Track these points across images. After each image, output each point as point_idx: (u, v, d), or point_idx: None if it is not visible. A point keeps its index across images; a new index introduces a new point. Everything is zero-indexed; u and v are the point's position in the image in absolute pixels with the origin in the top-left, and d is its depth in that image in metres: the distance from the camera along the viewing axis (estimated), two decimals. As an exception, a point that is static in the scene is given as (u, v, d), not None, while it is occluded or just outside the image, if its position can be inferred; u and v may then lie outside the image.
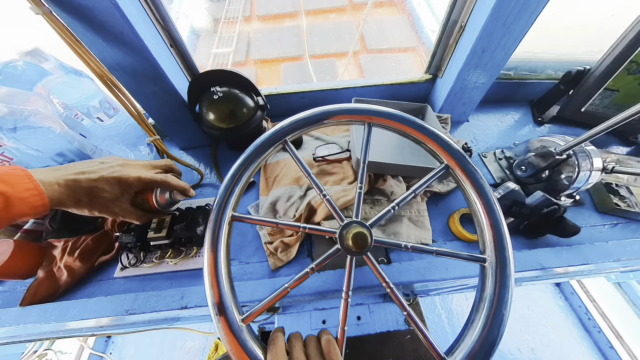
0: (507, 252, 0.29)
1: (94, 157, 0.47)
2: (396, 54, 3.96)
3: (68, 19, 0.36)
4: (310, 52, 4.07)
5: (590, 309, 1.33)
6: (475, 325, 0.28)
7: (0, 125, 0.34)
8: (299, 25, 4.57)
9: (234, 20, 4.52)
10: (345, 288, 0.31)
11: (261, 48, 4.28)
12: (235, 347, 0.28)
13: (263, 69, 4.08)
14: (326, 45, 4.23)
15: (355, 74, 3.75)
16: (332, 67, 3.89)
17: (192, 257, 0.45)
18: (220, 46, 4.12)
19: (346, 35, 4.30)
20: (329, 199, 0.35)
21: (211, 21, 4.39)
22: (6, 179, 0.26)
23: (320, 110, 0.36)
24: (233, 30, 4.34)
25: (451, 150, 0.34)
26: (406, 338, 1.11)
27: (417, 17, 4.20)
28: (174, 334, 1.31)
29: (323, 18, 4.86)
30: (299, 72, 3.89)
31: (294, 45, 4.23)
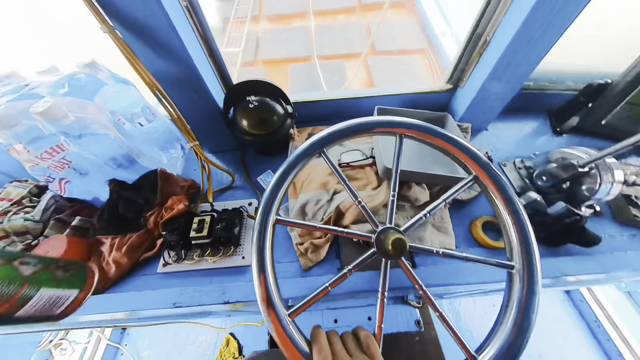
0: (534, 259, 0.32)
1: (138, 160, 0.50)
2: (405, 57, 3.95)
3: (127, 35, 0.39)
4: (318, 53, 4.09)
5: (600, 317, 1.33)
6: (504, 326, 0.30)
7: (67, 132, 0.38)
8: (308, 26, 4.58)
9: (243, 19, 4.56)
10: (381, 289, 0.34)
11: (270, 48, 4.31)
12: (284, 340, 0.31)
13: (271, 69, 4.12)
14: (335, 46, 4.23)
15: (364, 76, 3.75)
16: (341, 68, 3.90)
17: (229, 256, 0.48)
18: (230, 46, 4.17)
19: (355, 37, 4.29)
20: (364, 206, 0.37)
21: (220, 20, 4.44)
22: None
23: (356, 122, 0.39)
24: (242, 30, 4.38)
25: (480, 162, 0.36)
26: (415, 340, 1.13)
27: (427, 19, 4.17)
28: (187, 328, 1.35)
29: (332, 19, 4.86)
30: (307, 74, 3.90)
31: (302, 46, 4.25)
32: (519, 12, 0.45)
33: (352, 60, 3.76)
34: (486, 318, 1.29)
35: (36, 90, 0.38)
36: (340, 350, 0.30)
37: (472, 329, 1.23)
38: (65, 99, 0.39)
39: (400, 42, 4.27)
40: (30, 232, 0.52)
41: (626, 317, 1.27)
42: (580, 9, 0.42)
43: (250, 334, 1.30)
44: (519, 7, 0.45)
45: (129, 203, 0.50)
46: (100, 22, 0.35)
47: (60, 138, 0.38)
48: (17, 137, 0.37)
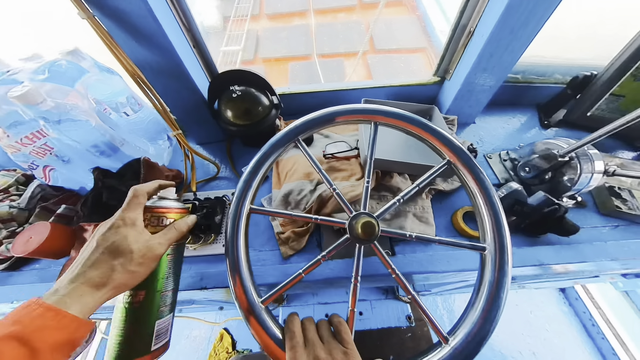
0: (505, 239, 0.32)
1: (122, 148, 0.51)
2: (405, 55, 3.94)
3: (108, 23, 0.40)
4: (318, 51, 4.09)
5: (595, 316, 1.32)
6: (476, 307, 0.30)
7: (47, 117, 0.38)
8: (308, 24, 4.59)
9: (243, 18, 4.57)
10: (354, 273, 0.34)
11: (270, 46, 4.33)
12: (256, 326, 0.31)
13: (271, 67, 4.12)
14: (334, 44, 4.24)
15: (363, 75, 3.75)
16: (340, 67, 3.90)
17: (210, 244, 0.48)
18: (230, 44, 4.18)
19: (355, 35, 4.30)
20: (338, 193, 0.38)
21: (221, 19, 4.46)
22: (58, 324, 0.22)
23: (330, 110, 0.39)
24: (242, 29, 4.40)
25: (452, 146, 0.36)
26: (407, 336, 1.13)
27: (428, 17, 4.16)
28: (181, 323, 1.36)
29: (332, 17, 4.86)
30: (306, 72, 3.91)
31: (302, 45, 4.25)
32: (499, 0, 0.44)
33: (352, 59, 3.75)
34: (480, 315, 1.29)
35: (16, 76, 0.38)
36: (313, 337, 0.30)
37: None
38: (46, 84, 0.39)
39: (400, 41, 4.26)
40: (16, 220, 0.52)
41: (623, 317, 1.26)
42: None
43: (244, 329, 1.30)
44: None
45: (112, 191, 0.50)
46: (78, 8, 0.36)
47: (40, 123, 0.39)
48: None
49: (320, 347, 0.29)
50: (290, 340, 0.30)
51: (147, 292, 0.31)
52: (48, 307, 0.23)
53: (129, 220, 0.29)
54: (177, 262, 0.36)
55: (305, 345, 0.30)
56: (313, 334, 0.31)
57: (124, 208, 0.30)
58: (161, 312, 0.32)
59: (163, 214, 0.33)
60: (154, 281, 0.32)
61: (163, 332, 0.32)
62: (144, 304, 0.31)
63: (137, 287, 0.30)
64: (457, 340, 0.30)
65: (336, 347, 0.29)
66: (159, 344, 0.32)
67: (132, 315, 0.30)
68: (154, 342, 0.31)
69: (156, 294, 0.32)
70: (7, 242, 0.50)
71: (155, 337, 0.31)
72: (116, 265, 0.27)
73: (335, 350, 0.29)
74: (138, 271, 0.28)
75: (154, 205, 0.33)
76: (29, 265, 0.51)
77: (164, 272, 0.33)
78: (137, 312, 0.31)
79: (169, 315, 0.33)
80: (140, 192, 0.31)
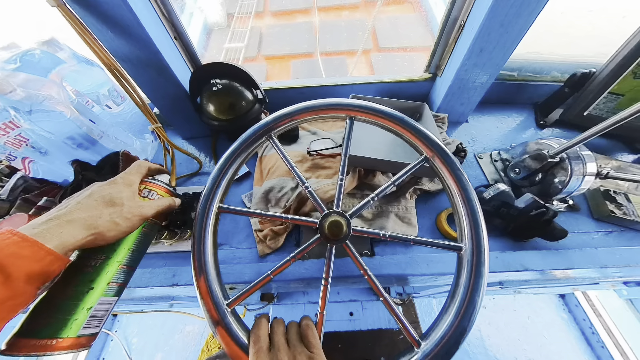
0: (482, 239, 0.30)
1: (100, 141, 0.50)
2: (409, 54, 3.88)
3: (80, 11, 0.39)
4: (321, 49, 4.06)
5: (595, 323, 1.28)
6: (450, 311, 0.29)
7: (17, 107, 0.38)
8: (311, 22, 4.56)
9: (247, 15, 4.57)
10: (324, 274, 0.33)
11: (273, 44, 4.31)
12: (219, 330, 0.30)
13: (274, 65, 4.11)
14: (338, 42, 4.20)
15: (366, 73, 3.71)
16: (343, 65, 3.87)
17: (185, 240, 0.47)
18: (233, 41, 4.18)
19: (358, 33, 4.25)
20: (310, 191, 0.36)
21: (225, 16, 4.46)
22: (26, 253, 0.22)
23: (303, 105, 0.38)
24: (246, 26, 4.39)
25: (430, 142, 0.35)
26: (399, 338, 1.12)
27: (433, 15, 4.09)
28: (174, 318, 1.37)
29: (336, 15, 4.83)
30: (309, 70, 3.89)
31: (306, 42, 4.23)
32: (489, -9, 0.42)
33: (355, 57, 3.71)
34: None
35: (-13, 65, 0.38)
36: (279, 340, 0.29)
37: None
38: (17, 74, 0.38)
39: (404, 39, 4.20)
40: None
41: (624, 326, 1.22)
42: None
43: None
44: (490, -14, 0.42)
45: (90, 184, 0.49)
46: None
47: (11, 114, 0.38)
48: (-33, 112, 0.37)
49: (285, 351, 0.28)
50: (255, 344, 0.29)
51: (107, 257, 0.29)
52: (24, 237, 0.22)
53: (127, 181, 0.32)
54: (145, 241, 0.35)
55: (269, 349, 0.29)
56: (279, 337, 0.30)
57: (126, 171, 0.34)
58: (110, 288, 0.29)
59: (154, 189, 0.35)
60: (119, 249, 0.30)
61: (99, 316, 0.28)
62: (98, 270, 0.28)
63: (99, 250, 0.29)
64: (429, 344, 0.29)
65: (302, 352, 0.28)
66: (89, 330, 0.26)
67: (79, 278, 0.27)
68: (86, 323, 0.26)
69: (115, 264, 0.30)
70: (-13, 233, 0.50)
71: (90, 318, 0.26)
72: (104, 213, 0.28)
73: (301, 355, 0.28)
74: (122, 225, 0.29)
75: (149, 179, 0.36)
76: None
77: (132, 243, 0.32)
78: (85, 277, 0.27)
79: (114, 297, 0.29)
80: (143, 165, 0.36)
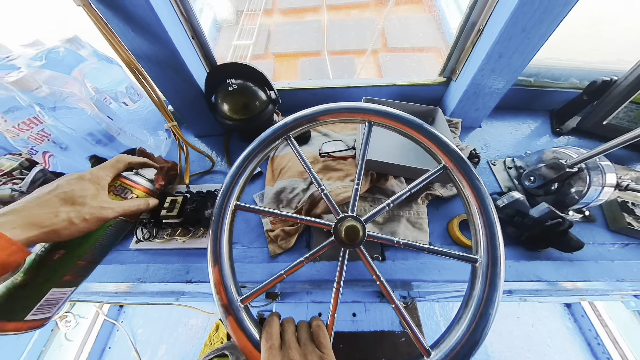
0: (498, 252, 0.30)
1: (118, 138, 0.51)
2: (417, 54, 3.84)
3: (103, 10, 0.40)
4: (329, 48, 4.04)
5: (601, 334, 1.26)
6: (462, 322, 0.29)
7: (42, 104, 0.39)
8: (320, 20, 4.54)
9: (256, 12, 4.57)
10: (337, 278, 0.33)
11: (281, 42, 4.31)
12: (233, 325, 0.30)
13: (281, 62, 4.11)
14: (346, 41, 4.18)
15: (373, 73, 3.68)
16: (351, 64, 3.84)
17: (199, 237, 0.48)
18: (241, 38, 4.19)
19: (367, 32, 4.21)
20: (326, 194, 0.36)
21: (234, 13, 4.47)
22: None
23: (322, 108, 0.38)
24: (254, 23, 4.40)
25: (449, 151, 0.34)
26: (401, 340, 1.12)
27: (444, 16, 4.03)
28: (179, 311, 1.39)
29: (345, 14, 4.79)
30: (316, 68, 3.88)
31: (314, 41, 4.21)
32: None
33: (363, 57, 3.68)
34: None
35: (14, 62, 0.39)
36: (290, 339, 0.30)
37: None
38: (43, 71, 0.39)
39: (414, 39, 4.15)
40: (17, 202, 0.54)
41: (633, 337, 1.20)
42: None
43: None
44: (513, -8, 0.41)
45: (107, 179, 0.51)
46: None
47: (36, 110, 0.39)
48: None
49: (296, 350, 0.29)
50: (267, 341, 0.29)
51: (67, 253, 0.29)
52: None
53: (95, 178, 0.31)
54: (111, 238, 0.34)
55: (281, 348, 0.29)
56: (290, 336, 0.30)
57: (100, 166, 0.32)
58: (64, 282, 0.29)
59: (129, 187, 0.34)
60: (79, 246, 0.30)
61: (51, 304, 0.28)
62: (55, 263, 0.28)
63: (60, 245, 0.28)
64: (439, 354, 0.29)
65: (312, 351, 0.29)
66: (39, 315, 0.28)
67: (35, 270, 0.27)
68: (35, 310, 0.27)
69: (73, 259, 0.29)
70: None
71: (40, 306, 0.27)
72: (61, 212, 0.27)
73: (312, 354, 0.28)
74: (79, 225, 0.28)
75: (126, 176, 0.34)
76: (26, 247, 0.53)
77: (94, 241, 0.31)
78: (42, 269, 0.27)
79: (68, 288, 0.30)
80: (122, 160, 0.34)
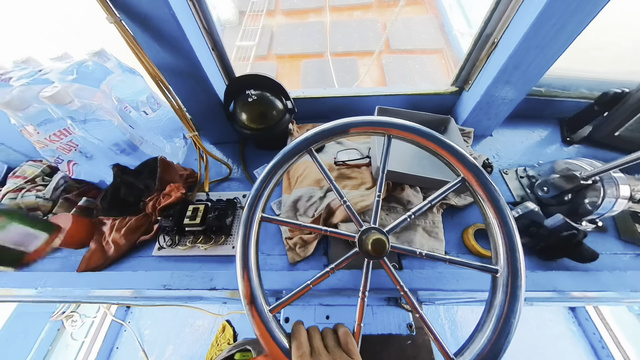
0: (519, 264, 0.31)
1: (141, 147, 0.52)
2: (420, 56, 3.84)
3: (133, 27, 0.41)
4: (332, 49, 4.05)
5: (606, 338, 1.27)
6: (485, 330, 0.30)
7: (73, 117, 0.40)
8: (323, 22, 4.55)
9: (258, 13, 4.58)
10: (362, 288, 0.34)
11: (284, 43, 4.32)
12: (264, 335, 0.31)
13: (284, 64, 4.12)
14: (349, 43, 4.18)
15: (377, 75, 3.69)
16: (354, 66, 3.85)
17: (220, 245, 0.49)
18: (244, 39, 4.20)
19: (370, 34, 4.22)
20: (349, 205, 0.37)
21: (237, 13, 4.48)
22: None
23: (344, 121, 0.39)
24: (257, 24, 4.41)
25: (468, 164, 0.36)
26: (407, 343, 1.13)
27: (447, 17, 4.03)
28: (185, 312, 1.41)
29: (348, 15, 4.79)
30: (319, 70, 3.88)
31: (316, 42, 4.22)
32: (529, 12, 0.43)
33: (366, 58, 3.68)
34: (482, 328, 1.26)
35: (48, 76, 0.40)
36: (319, 346, 0.31)
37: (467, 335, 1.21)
38: (73, 85, 0.41)
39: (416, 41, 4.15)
40: (41, 209, 0.55)
41: (637, 341, 1.20)
42: (596, 11, 0.40)
43: (246, 322, 1.33)
44: (530, 7, 0.43)
45: (130, 187, 0.52)
46: (107, 12, 0.37)
47: (67, 122, 0.40)
48: (28, 119, 0.40)
49: (326, 357, 0.30)
50: (297, 349, 0.30)
51: None
52: None
53: None
54: None
55: (311, 355, 0.30)
56: (319, 343, 0.32)
57: None
58: None
59: None
60: None
61: None
62: None
63: None
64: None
65: (341, 357, 0.30)
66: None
67: None
68: None
69: None
70: (32, 230, 0.53)
71: None
72: None
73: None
74: None
75: None
76: (51, 254, 0.54)
77: None
78: None
79: None
80: None
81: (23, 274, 0.47)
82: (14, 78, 0.40)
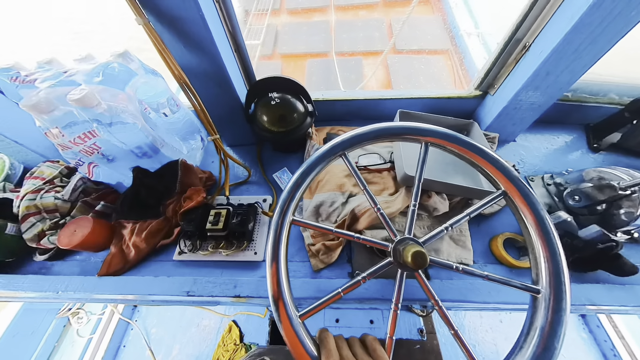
0: (564, 287, 0.30)
1: (162, 150, 0.51)
2: (426, 57, 3.81)
3: (161, 29, 0.40)
4: (337, 49, 4.03)
5: (618, 346, 1.25)
6: (525, 353, 0.29)
7: (99, 119, 0.39)
8: (328, 21, 4.53)
9: (264, 12, 4.57)
10: (395, 300, 0.33)
11: (288, 42, 4.30)
12: (294, 342, 0.31)
13: (289, 63, 4.10)
14: (354, 43, 4.16)
15: (382, 76, 3.67)
16: (359, 66, 3.82)
17: (242, 250, 0.49)
18: (249, 38, 4.19)
19: (375, 34, 4.19)
20: (382, 213, 0.36)
21: (242, 12, 4.47)
22: None
23: (381, 127, 0.38)
24: (262, 23, 4.40)
25: (510, 177, 0.34)
26: (416, 348, 1.12)
27: (453, 17, 3.99)
28: (192, 311, 1.41)
29: (353, 14, 4.77)
30: (324, 70, 3.86)
31: (321, 41, 4.20)
32: (567, 16, 0.41)
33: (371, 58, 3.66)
34: (491, 333, 1.25)
35: (74, 78, 0.39)
36: (348, 355, 0.30)
37: (476, 342, 1.20)
38: (99, 87, 0.40)
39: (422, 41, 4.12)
40: (59, 211, 0.55)
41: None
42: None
43: (252, 323, 1.33)
44: (568, 11, 0.41)
45: (150, 190, 0.51)
46: (137, 14, 0.36)
47: (93, 125, 0.40)
48: (54, 122, 0.39)
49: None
50: (327, 358, 0.30)
51: None
52: None
53: None
54: None
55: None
56: (347, 352, 0.31)
57: None
58: None
59: None
60: None
61: None
62: None
63: None
64: None
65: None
66: None
67: None
68: None
69: None
70: (49, 233, 0.52)
71: None
72: None
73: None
74: None
75: None
76: (70, 256, 0.54)
77: None
78: None
79: None
80: None
81: (44, 277, 0.47)
82: (39, 80, 0.39)
